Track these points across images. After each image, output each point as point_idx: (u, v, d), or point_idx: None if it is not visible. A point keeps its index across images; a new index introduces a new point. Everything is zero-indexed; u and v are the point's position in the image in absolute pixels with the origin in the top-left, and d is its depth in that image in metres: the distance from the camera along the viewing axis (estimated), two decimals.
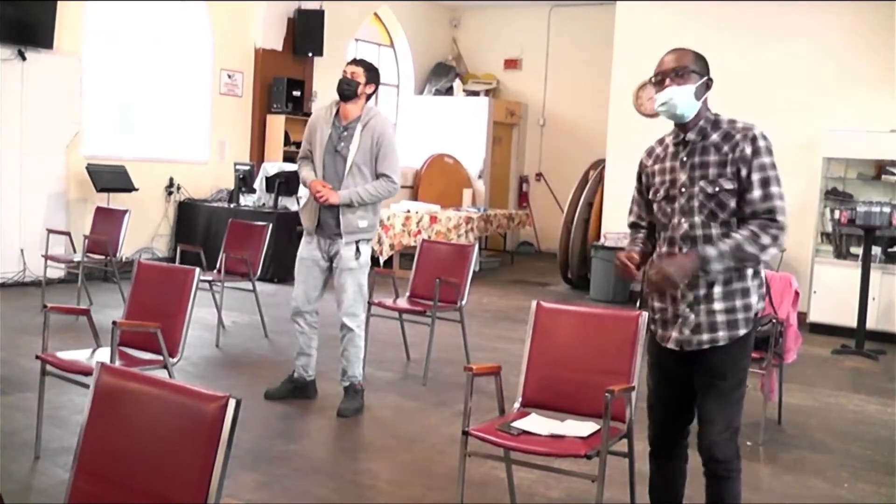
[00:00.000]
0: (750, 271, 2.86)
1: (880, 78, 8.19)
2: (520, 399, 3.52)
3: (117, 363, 3.82)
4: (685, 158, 2.88)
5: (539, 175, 13.53)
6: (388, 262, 10.15)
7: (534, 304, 3.61)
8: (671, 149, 2.95)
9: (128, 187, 8.89)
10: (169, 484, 2.02)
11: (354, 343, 4.94)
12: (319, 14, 10.81)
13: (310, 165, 4.91)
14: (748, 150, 2.78)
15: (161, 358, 4.04)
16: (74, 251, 7.88)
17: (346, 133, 4.78)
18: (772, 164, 2.79)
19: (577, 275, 9.99)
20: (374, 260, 10.19)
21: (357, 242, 4.86)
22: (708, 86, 2.89)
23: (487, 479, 4.00)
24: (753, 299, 2.88)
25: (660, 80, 2.86)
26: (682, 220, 2.87)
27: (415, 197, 11.65)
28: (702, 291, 2.84)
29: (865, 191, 8.14)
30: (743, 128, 2.84)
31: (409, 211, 10.17)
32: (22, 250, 8.22)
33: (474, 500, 3.69)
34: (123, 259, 8.04)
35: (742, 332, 2.85)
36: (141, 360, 4.08)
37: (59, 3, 8.23)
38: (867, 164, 8.14)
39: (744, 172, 2.78)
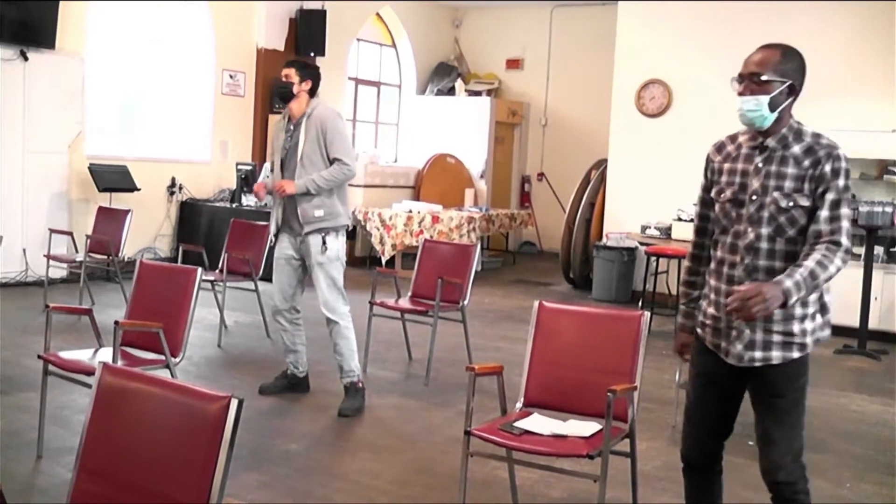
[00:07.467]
0: (813, 296, 2.74)
1: (882, 78, 8.18)
2: (522, 399, 3.52)
3: (119, 363, 3.82)
4: (760, 164, 2.73)
5: (541, 175, 13.52)
6: (391, 261, 10.16)
7: (536, 303, 3.61)
8: (745, 150, 2.79)
9: (130, 187, 8.89)
10: (171, 484, 2.03)
11: (342, 335, 4.97)
12: (321, 14, 10.81)
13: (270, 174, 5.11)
14: (828, 169, 2.65)
15: (163, 358, 4.05)
16: (77, 251, 7.89)
17: (294, 130, 4.95)
18: (846, 188, 2.66)
19: (579, 275, 9.98)
20: (377, 260, 10.27)
21: (324, 235, 4.90)
22: (791, 91, 2.71)
23: (490, 479, 4.00)
24: (809, 325, 2.76)
25: (740, 81, 2.72)
26: (749, 229, 2.72)
27: (417, 197, 11.65)
28: None
29: (868, 191, 8.12)
30: (827, 145, 2.69)
31: (410, 211, 10.18)
32: (24, 250, 8.22)
33: (476, 500, 3.69)
34: (125, 259, 8.04)
35: (796, 355, 2.75)
36: (143, 360, 4.09)
37: (61, 3, 8.24)
38: (869, 164, 8.13)
39: (819, 191, 2.65)
